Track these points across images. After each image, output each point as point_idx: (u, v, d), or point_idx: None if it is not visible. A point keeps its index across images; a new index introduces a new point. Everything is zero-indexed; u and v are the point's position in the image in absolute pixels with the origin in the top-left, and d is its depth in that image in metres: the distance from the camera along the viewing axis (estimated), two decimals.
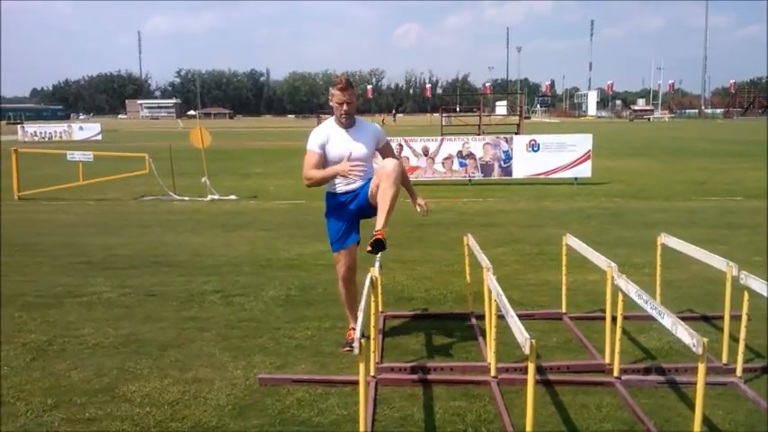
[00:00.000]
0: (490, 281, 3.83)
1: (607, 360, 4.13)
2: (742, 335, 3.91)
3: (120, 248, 8.11)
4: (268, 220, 10.43)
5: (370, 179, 4.40)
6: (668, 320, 3.05)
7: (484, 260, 4.22)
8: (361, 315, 3.09)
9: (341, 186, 4.51)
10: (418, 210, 4.69)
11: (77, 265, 7.24)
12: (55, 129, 40.72)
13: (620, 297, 3.78)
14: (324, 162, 4.44)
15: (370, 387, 3.90)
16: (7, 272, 6.90)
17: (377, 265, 4.34)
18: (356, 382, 3.88)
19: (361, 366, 2.83)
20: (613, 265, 3.96)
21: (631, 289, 3.55)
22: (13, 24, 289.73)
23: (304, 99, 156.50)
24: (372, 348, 4.02)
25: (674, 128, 56.91)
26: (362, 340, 2.79)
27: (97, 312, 5.50)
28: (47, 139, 38.42)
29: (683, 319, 5.19)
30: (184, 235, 9.13)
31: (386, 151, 4.69)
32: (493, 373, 3.95)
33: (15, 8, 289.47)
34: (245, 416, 3.62)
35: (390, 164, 4.23)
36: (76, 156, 13.71)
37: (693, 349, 2.78)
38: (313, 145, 4.42)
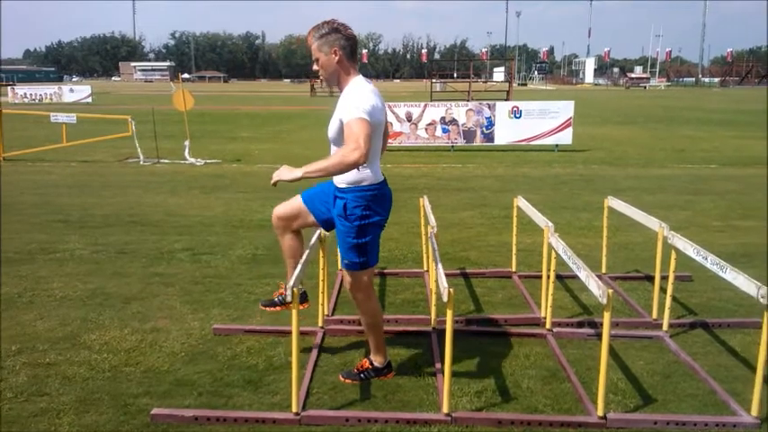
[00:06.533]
0: (431, 239, 4.04)
1: (542, 314, 4.37)
2: (669, 291, 4.13)
3: (97, 208, 8.29)
4: (247, 183, 10.60)
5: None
6: (583, 274, 3.26)
7: (431, 220, 4.42)
8: (299, 268, 3.29)
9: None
10: None
11: (54, 223, 7.43)
12: (45, 91, 40.50)
13: (553, 255, 4.00)
14: None
15: (317, 336, 4.14)
16: None
17: None
18: (305, 333, 4.15)
19: (294, 313, 3.05)
20: (550, 224, 4.17)
21: (560, 246, 3.76)
22: None
23: (300, 63, 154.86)
24: (321, 301, 4.25)
25: (668, 96, 56.83)
26: (294, 289, 3.00)
27: (68, 268, 5.71)
28: (37, 101, 38.25)
29: (627, 278, 5.49)
30: (162, 196, 9.30)
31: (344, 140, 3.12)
32: (433, 324, 4.20)
33: None
34: (195, 362, 3.85)
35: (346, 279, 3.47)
36: (60, 118, 13.81)
37: (600, 300, 3.01)
38: None
